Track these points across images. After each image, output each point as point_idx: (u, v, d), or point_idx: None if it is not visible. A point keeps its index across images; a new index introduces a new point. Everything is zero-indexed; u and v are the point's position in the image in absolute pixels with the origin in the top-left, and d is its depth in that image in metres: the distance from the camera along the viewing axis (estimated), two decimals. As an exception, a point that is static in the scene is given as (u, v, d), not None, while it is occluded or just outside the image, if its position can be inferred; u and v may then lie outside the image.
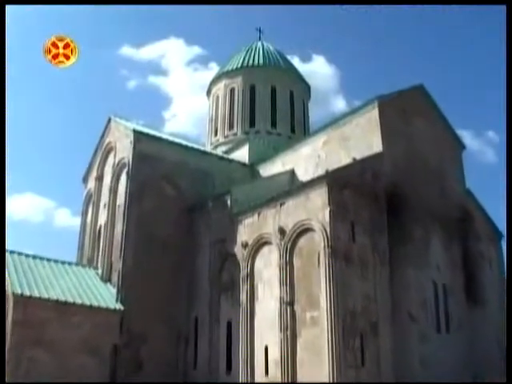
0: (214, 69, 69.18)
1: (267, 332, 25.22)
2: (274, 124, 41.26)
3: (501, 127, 71.14)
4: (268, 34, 49.07)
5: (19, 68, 65.05)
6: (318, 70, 76.61)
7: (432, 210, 27.74)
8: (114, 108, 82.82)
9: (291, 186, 28.46)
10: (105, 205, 33.66)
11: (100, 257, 32.38)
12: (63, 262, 31.12)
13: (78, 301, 27.03)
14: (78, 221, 38.16)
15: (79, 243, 36.05)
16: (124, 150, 32.79)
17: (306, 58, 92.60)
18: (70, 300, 26.81)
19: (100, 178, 35.53)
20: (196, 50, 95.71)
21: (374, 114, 28.42)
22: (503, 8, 24.19)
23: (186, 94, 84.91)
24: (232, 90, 42.90)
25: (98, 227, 34.36)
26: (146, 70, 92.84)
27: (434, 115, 31.33)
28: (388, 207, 25.97)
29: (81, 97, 78.01)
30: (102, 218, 33.65)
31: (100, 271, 31.46)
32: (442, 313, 26.68)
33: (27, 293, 25.70)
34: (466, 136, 69.67)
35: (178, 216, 31.42)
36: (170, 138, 35.39)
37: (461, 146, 32.61)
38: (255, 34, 47.38)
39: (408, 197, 26.50)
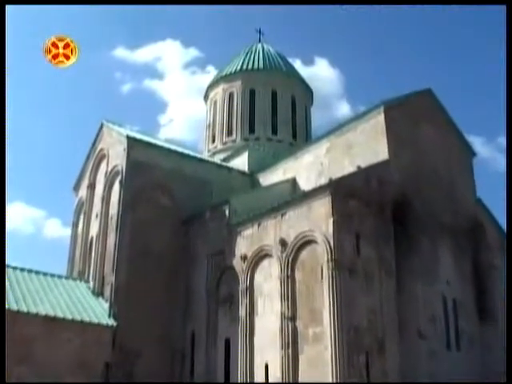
0: (211, 72, 69.39)
1: (267, 349, 25.10)
2: (274, 130, 41.36)
3: (512, 133, 71.02)
4: (268, 35, 49.37)
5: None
6: (320, 74, 77.01)
7: (441, 221, 27.73)
8: (106, 113, 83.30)
9: (293, 196, 28.44)
10: (97, 215, 33.61)
11: (92, 269, 32.29)
12: (53, 275, 31.04)
13: (68, 316, 26.91)
14: (68, 231, 38.19)
15: (70, 255, 36.00)
16: (117, 157, 32.79)
17: (308, 61, 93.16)
18: (60, 315, 26.68)
19: (92, 187, 35.48)
20: (193, 52, 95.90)
21: (379, 119, 28.46)
22: (503, 8, 24.70)
23: (182, 99, 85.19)
24: (231, 95, 42.99)
25: (89, 238, 34.30)
26: (141, 73, 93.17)
27: (443, 120, 31.39)
28: (395, 217, 25.93)
29: (72, 101, 78.17)
30: (94, 229, 33.57)
31: (91, 285, 31.39)
32: (452, 329, 26.59)
33: (14, 307, 25.58)
34: (477, 142, 69.90)
35: (173, 227, 31.41)
36: (166, 145, 35.44)
37: (471, 152, 32.65)
38: (255, 36, 47.64)
39: (416, 206, 26.48)
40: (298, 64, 61.09)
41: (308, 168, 32.14)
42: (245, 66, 43.31)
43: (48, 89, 77.61)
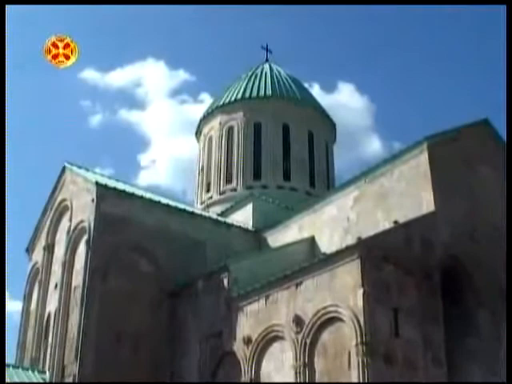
0: (205, 101, 70.48)
1: None
2: (286, 176, 41.72)
3: None
4: (278, 53, 50.11)
5: None
6: (345, 102, 77.87)
7: (504, 290, 27.66)
8: (70, 153, 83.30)
9: (311, 260, 28.52)
10: (56, 285, 33.66)
11: (48, 357, 32.14)
12: (-3, 364, 31.00)
13: (18, 418, 26.82)
14: (18, 306, 38.28)
15: (19, 337, 35.96)
16: (83, 210, 33.05)
17: (329, 87, 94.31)
18: (6, 416, 26.61)
19: (50, 249, 35.69)
20: (182, 75, 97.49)
21: (422, 160, 28.71)
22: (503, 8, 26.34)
23: (168, 135, 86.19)
24: (230, 130, 43.42)
25: (45, 316, 34.28)
26: (116, 101, 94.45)
27: (504, 159, 31.49)
28: (444, 287, 25.97)
29: (25, 136, 78.45)
30: (52, 304, 33.57)
31: (48, 376, 31.27)
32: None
33: None
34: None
35: (156, 301, 31.54)
36: (147, 195, 35.66)
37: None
38: (261, 55, 48.46)
39: (471, 272, 26.53)
40: (316, 90, 62.54)
41: (330, 224, 32.33)
42: (248, 93, 43.84)
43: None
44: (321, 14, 77.12)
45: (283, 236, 34.55)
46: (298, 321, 25.66)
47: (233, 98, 44.07)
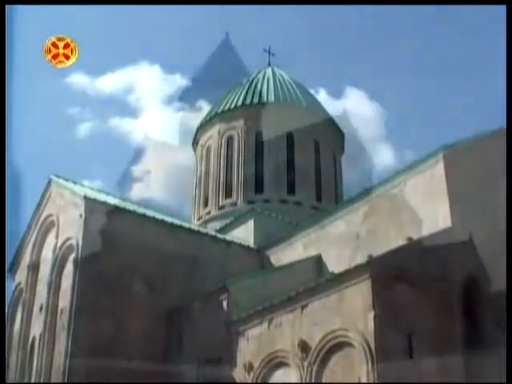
0: (203, 108, 69.94)
1: None
2: (291, 189, 41.69)
3: None
4: (281, 57, 50.07)
5: None
6: (354, 110, 77.68)
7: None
8: (56, 164, 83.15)
9: (318, 280, 28.39)
10: (41, 307, 33.57)
11: (33, 381, 31.96)
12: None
13: None
14: (0, 329, 38.05)
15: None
16: (71, 226, 33.02)
17: (337, 92, 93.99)
18: None
19: (34, 268, 35.64)
20: (178, 80, 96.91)
21: (438, 171, 28.64)
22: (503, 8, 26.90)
23: (163, 144, 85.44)
24: (229, 139, 43.40)
25: (30, 340, 34.15)
26: (107, 108, 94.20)
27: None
28: (463, 309, 25.79)
29: (9, 147, 78.28)
30: (37, 327, 33.48)
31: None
32: None
33: None
34: None
35: (150, 324, 31.43)
36: (140, 210, 35.68)
37: None
38: (263, 58, 48.41)
39: (491, 293, 26.35)
40: (322, 96, 62.26)
41: (339, 241, 32.26)
42: (249, 100, 43.83)
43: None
44: (326, 14, 77.15)
45: (287, 254, 34.48)
46: (304, 346, 25.46)
47: (233, 105, 44.08)
